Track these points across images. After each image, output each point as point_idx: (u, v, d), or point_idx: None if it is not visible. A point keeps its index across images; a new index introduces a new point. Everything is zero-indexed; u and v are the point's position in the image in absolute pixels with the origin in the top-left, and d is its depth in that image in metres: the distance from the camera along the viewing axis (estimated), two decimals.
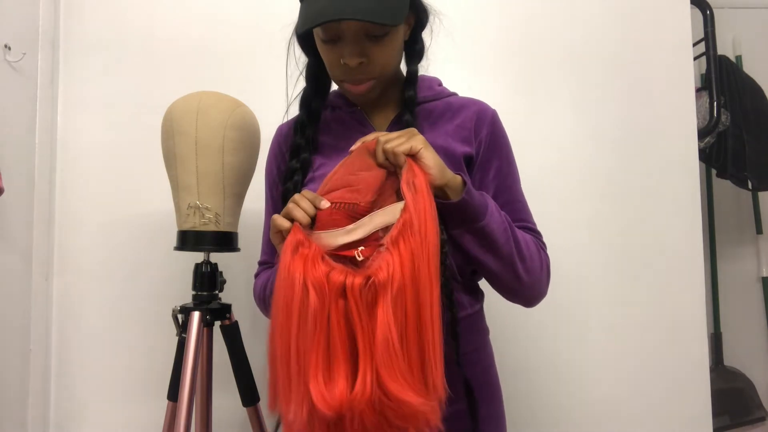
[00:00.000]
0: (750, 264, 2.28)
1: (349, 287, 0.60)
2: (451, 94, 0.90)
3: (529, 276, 0.77)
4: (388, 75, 0.80)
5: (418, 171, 0.66)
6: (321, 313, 0.61)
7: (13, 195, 1.25)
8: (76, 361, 1.38)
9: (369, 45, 0.75)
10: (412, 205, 0.63)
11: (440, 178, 0.68)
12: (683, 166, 1.47)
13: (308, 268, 0.62)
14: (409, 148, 0.66)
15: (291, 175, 0.84)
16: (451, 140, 0.82)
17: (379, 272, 0.60)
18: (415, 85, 0.83)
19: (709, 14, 1.78)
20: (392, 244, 0.62)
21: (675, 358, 1.43)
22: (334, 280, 0.61)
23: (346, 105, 0.87)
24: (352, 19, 0.70)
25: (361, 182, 0.67)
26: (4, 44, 1.26)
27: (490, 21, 1.48)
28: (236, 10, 1.45)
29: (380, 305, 0.60)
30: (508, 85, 1.47)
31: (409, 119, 0.80)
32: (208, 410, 1.11)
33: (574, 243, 1.43)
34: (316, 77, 0.87)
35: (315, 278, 0.61)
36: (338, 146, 0.83)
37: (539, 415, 1.40)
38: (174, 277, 1.34)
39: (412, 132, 0.69)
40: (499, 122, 0.87)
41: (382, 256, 0.61)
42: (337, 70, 0.78)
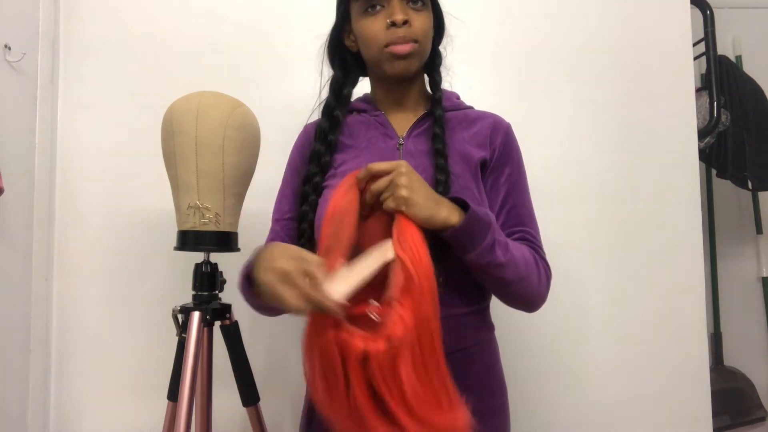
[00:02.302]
0: (750, 264, 2.28)
1: (374, 354, 0.62)
2: (469, 107, 0.97)
3: (533, 290, 0.83)
4: (425, 50, 0.87)
5: (406, 226, 0.69)
6: (338, 381, 0.63)
7: (13, 195, 1.25)
8: (76, 361, 1.38)
9: (411, 12, 0.83)
10: (410, 264, 0.66)
11: (429, 223, 0.71)
12: (683, 166, 1.47)
13: (320, 338, 0.63)
14: (394, 206, 0.70)
15: (311, 178, 0.88)
16: (468, 146, 0.88)
17: (396, 328, 0.63)
18: (440, 89, 0.91)
19: (709, 14, 1.77)
20: (400, 298, 0.65)
21: (675, 358, 1.43)
22: (354, 347, 0.62)
23: (372, 108, 0.94)
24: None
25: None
26: (4, 44, 1.26)
27: (489, 21, 1.48)
28: (237, 9, 1.45)
29: (401, 361, 0.62)
30: (508, 85, 1.47)
31: (440, 114, 0.87)
32: (208, 410, 1.11)
33: (574, 243, 1.43)
34: (341, 88, 0.94)
35: (325, 349, 0.63)
36: (360, 146, 0.89)
37: (539, 415, 1.40)
38: (174, 277, 1.34)
39: (398, 172, 0.71)
40: (513, 134, 0.93)
41: (395, 312, 0.64)
42: (382, 34, 0.83)
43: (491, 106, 1.43)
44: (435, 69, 0.93)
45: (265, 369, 1.36)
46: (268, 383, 1.33)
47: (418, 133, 0.89)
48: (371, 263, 0.68)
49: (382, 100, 0.94)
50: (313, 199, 0.87)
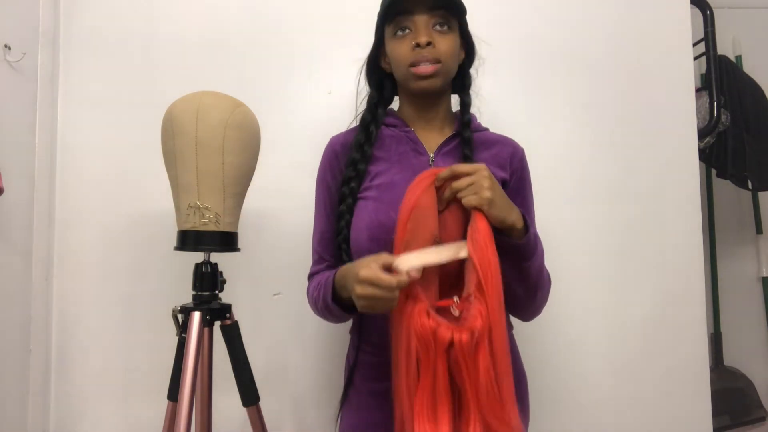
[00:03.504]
0: (750, 264, 2.28)
1: (458, 342, 0.69)
2: (485, 129, 1.04)
3: (541, 303, 0.92)
4: (449, 70, 0.92)
5: (481, 225, 0.75)
6: (426, 363, 0.70)
7: (13, 195, 1.25)
8: (76, 361, 1.38)
9: (435, 35, 0.89)
10: (479, 266, 0.73)
11: (503, 224, 0.78)
12: (683, 166, 1.47)
13: (417, 323, 0.70)
14: (477, 204, 0.76)
15: (348, 181, 0.95)
16: (491, 165, 0.91)
17: (476, 321, 0.70)
18: (469, 110, 0.98)
19: (709, 14, 1.77)
20: (477, 295, 0.72)
21: (675, 358, 1.43)
22: (441, 335, 0.69)
23: (402, 124, 1.00)
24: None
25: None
26: (4, 44, 1.26)
27: (489, 21, 1.48)
28: (237, 10, 1.45)
29: (481, 352, 0.70)
30: (507, 85, 1.47)
31: (469, 136, 0.94)
32: (208, 410, 1.11)
33: (574, 243, 1.43)
34: (376, 106, 1.01)
35: (421, 334, 0.70)
36: (391, 159, 0.96)
37: (539, 415, 1.40)
38: (174, 277, 1.34)
39: (481, 175, 0.77)
40: (526, 160, 1.02)
41: (474, 306, 0.71)
42: (407, 55, 0.90)
43: (491, 106, 1.45)
44: (465, 91, 0.99)
45: (265, 369, 1.36)
46: (268, 383, 1.34)
47: (446, 151, 0.96)
48: (444, 252, 0.75)
49: (411, 117, 1.00)
50: (350, 202, 0.93)
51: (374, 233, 0.88)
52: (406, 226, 0.75)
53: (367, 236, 0.89)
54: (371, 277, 0.71)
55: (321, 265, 0.99)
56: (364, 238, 0.89)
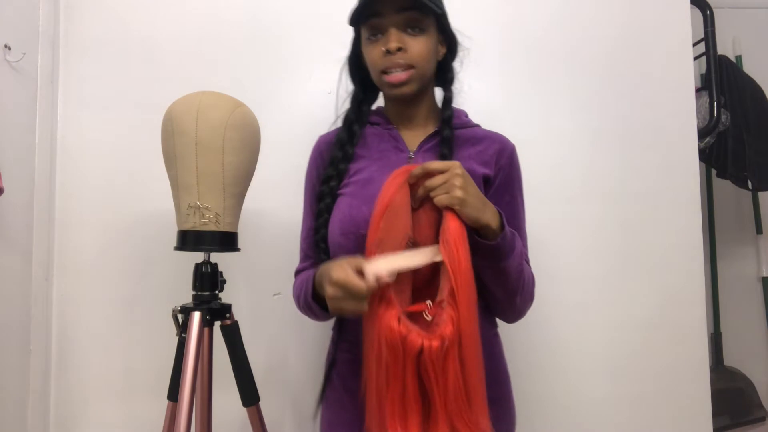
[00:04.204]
0: (750, 264, 2.28)
1: (427, 349, 0.69)
2: (476, 125, 1.02)
3: (521, 304, 0.90)
4: (424, 72, 0.90)
5: (453, 227, 0.73)
6: (395, 369, 0.70)
7: (13, 195, 1.25)
8: (76, 361, 1.38)
9: (407, 38, 0.87)
10: (451, 270, 0.71)
11: (477, 223, 0.76)
12: (683, 166, 1.47)
13: (386, 328, 0.70)
14: (448, 203, 0.74)
15: (327, 180, 0.94)
16: (473, 162, 0.92)
17: (446, 328, 0.69)
18: (451, 107, 0.95)
19: (709, 14, 1.77)
20: (449, 300, 0.71)
21: (675, 358, 1.43)
22: (411, 342, 0.69)
23: (385, 122, 0.99)
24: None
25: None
26: (4, 44, 1.26)
27: (490, 21, 1.48)
28: (237, 10, 1.45)
29: (450, 358, 0.69)
30: (508, 85, 1.47)
31: (449, 135, 0.91)
32: (208, 410, 1.11)
33: (574, 243, 1.43)
34: (360, 104, 1.00)
35: (391, 340, 0.70)
36: (372, 157, 0.95)
37: (538, 415, 1.40)
38: (174, 277, 1.34)
39: (453, 173, 0.75)
40: (516, 157, 0.99)
41: (446, 312, 0.71)
42: (379, 60, 0.89)
43: (491, 105, 1.45)
44: (447, 86, 0.97)
45: (265, 369, 1.36)
46: (268, 383, 1.34)
47: (427, 148, 0.94)
48: (417, 257, 0.74)
49: (394, 116, 0.99)
50: (328, 201, 0.92)
51: (345, 227, 0.88)
52: (379, 225, 0.74)
53: (339, 231, 0.89)
54: (341, 280, 0.71)
55: (306, 262, 0.99)
56: (336, 233, 0.90)
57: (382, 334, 0.70)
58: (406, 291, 0.76)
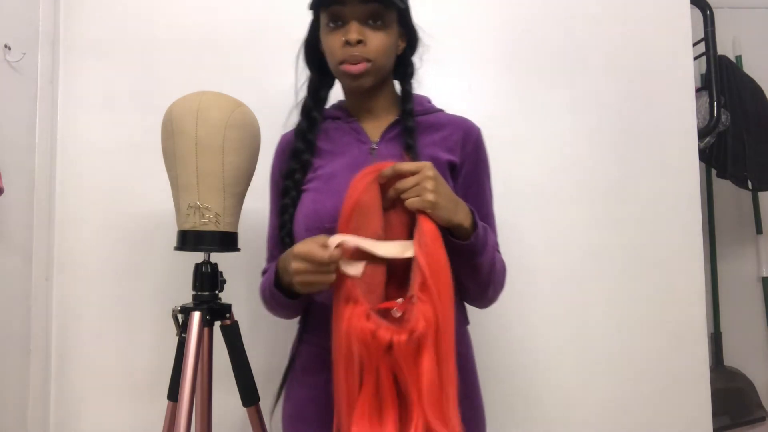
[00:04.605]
0: (750, 264, 2.28)
1: (396, 344, 0.68)
2: (439, 110, 0.99)
3: (493, 294, 0.90)
4: (381, 66, 0.88)
5: (427, 227, 0.72)
6: (369, 366, 0.69)
7: (13, 195, 1.25)
8: (76, 361, 1.38)
9: (367, 31, 0.85)
10: (426, 267, 0.70)
11: (449, 224, 0.75)
12: (683, 166, 1.47)
13: (356, 325, 0.69)
14: (420, 207, 0.72)
15: (291, 174, 0.92)
16: (437, 149, 0.91)
17: (419, 323, 0.68)
18: (411, 100, 0.93)
19: (709, 14, 1.77)
20: (420, 296, 0.70)
21: (675, 358, 1.43)
22: (381, 337, 0.68)
23: (345, 116, 0.97)
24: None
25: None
26: (4, 44, 1.26)
27: (489, 21, 1.48)
28: (236, 10, 1.45)
29: (424, 354, 0.68)
30: (508, 85, 1.47)
31: (412, 125, 0.89)
32: (208, 410, 1.11)
33: (574, 243, 1.43)
34: (317, 90, 0.97)
35: (362, 336, 0.68)
36: (335, 151, 0.93)
37: (538, 414, 1.40)
38: (174, 277, 1.34)
39: (424, 175, 0.73)
40: (483, 141, 0.96)
41: (417, 308, 0.69)
42: (338, 51, 0.87)
43: (491, 105, 1.45)
44: (406, 80, 0.95)
45: (265, 369, 1.36)
46: (268, 383, 1.33)
47: (390, 137, 0.93)
48: (388, 248, 0.73)
49: (354, 107, 0.97)
50: (294, 195, 0.91)
51: (310, 223, 0.86)
52: (348, 225, 0.73)
53: (304, 227, 0.87)
54: (304, 252, 0.71)
55: (272, 262, 0.95)
56: (301, 228, 0.88)
57: (352, 332, 0.69)
58: (377, 292, 0.75)
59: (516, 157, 1.43)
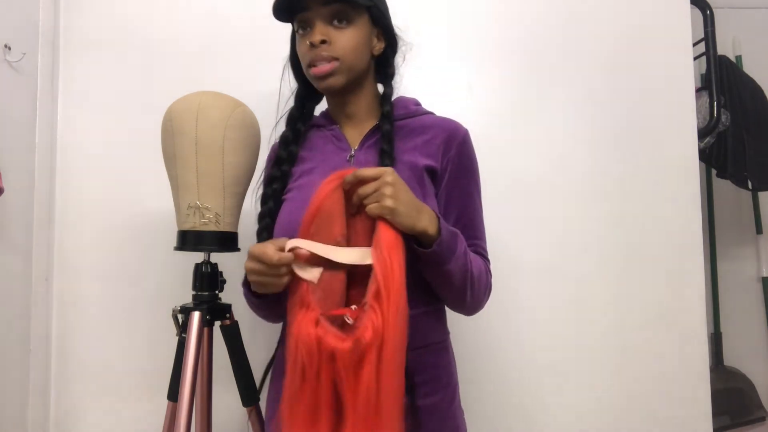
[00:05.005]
0: (750, 264, 2.28)
1: (339, 352, 0.67)
2: (427, 113, 0.97)
3: (473, 300, 0.86)
4: (351, 64, 0.87)
5: (385, 234, 0.71)
6: (310, 372, 0.69)
7: (13, 195, 1.25)
8: (76, 361, 1.38)
9: (333, 31, 0.86)
10: (380, 276, 0.69)
11: (413, 231, 0.74)
12: (683, 166, 1.47)
13: (303, 331, 0.69)
14: (379, 213, 0.72)
15: (271, 182, 0.93)
16: (417, 154, 0.89)
17: (366, 332, 0.67)
18: (390, 102, 0.92)
19: (709, 14, 1.77)
20: (373, 304, 0.68)
21: (675, 358, 1.43)
22: (326, 344, 0.68)
23: (328, 123, 0.97)
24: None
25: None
26: (4, 44, 1.26)
27: (489, 20, 1.48)
28: (236, 9, 1.45)
29: (366, 364, 0.67)
30: (507, 85, 1.47)
31: (388, 129, 0.88)
32: (208, 410, 1.11)
33: (573, 243, 1.43)
34: (303, 101, 0.99)
35: (307, 342, 0.69)
36: (315, 159, 0.94)
37: (538, 414, 1.40)
38: (174, 277, 1.34)
39: (383, 181, 0.73)
40: (469, 143, 0.93)
41: (367, 316, 0.68)
42: (306, 54, 0.87)
43: (491, 104, 1.45)
44: (387, 81, 0.94)
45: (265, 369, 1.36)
46: (268, 383, 1.33)
47: (370, 144, 0.91)
48: (346, 254, 0.73)
49: (336, 113, 0.97)
50: (271, 206, 0.91)
51: (286, 232, 0.84)
52: (309, 230, 0.73)
53: (281, 236, 0.85)
54: (256, 253, 0.72)
55: None
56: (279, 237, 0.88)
57: (299, 337, 0.69)
58: (334, 298, 0.74)
59: (516, 157, 1.43)
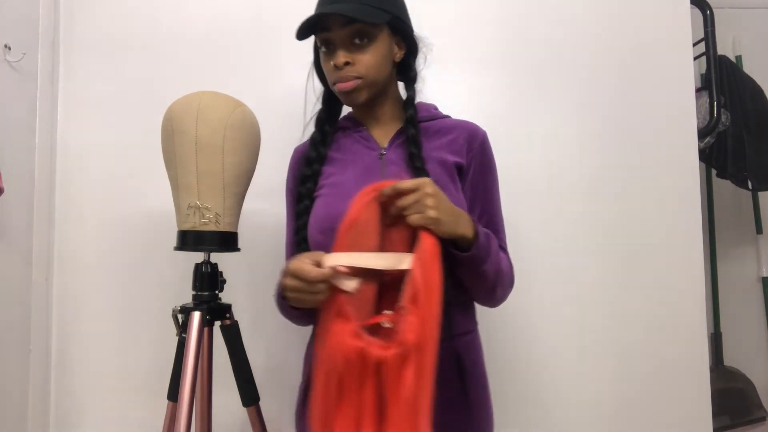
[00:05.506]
0: (750, 264, 2.28)
1: (384, 360, 0.68)
2: (446, 116, 1.03)
3: (502, 295, 0.92)
4: (374, 80, 0.92)
5: (428, 246, 0.73)
6: (350, 383, 0.69)
7: (13, 195, 1.25)
8: (76, 361, 1.38)
9: (354, 50, 0.90)
10: (420, 281, 0.70)
11: (452, 236, 0.77)
12: (683, 166, 1.47)
13: (343, 343, 0.69)
14: (422, 224, 0.74)
15: (304, 181, 0.96)
16: (444, 152, 0.94)
17: (408, 335, 0.68)
18: (413, 105, 0.96)
19: (709, 14, 1.77)
20: (410, 308, 0.70)
21: (675, 358, 1.43)
22: (370, 354, 0.69)
23: (354, 125, 1.01)
24: (331, 13, 0.86)
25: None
26: (4, 44, 1.26)
27: (489, 21, 1.48)
28: (237, 9, 1.45)
29: (408, 366, 0.68)
30: (508, 85, 1.47)
31: (414, 133, 0.93)
32: (208, 410, 1.11)
33: (574, 243, 1.43)
34: (330, 103, 1.03)
35: (347, 353, 0.69)
36: (346, 159, 0.98)
37: (538, 415, 1.40)
38: (174, 277, 1.34)
39: (424, 192, 0.75)
40: (488, 143, 0.99)
41: (406, 319, 0.69)
42: (331, 74, 0.92)
43: (490, 106, 1.45)
44: (410, 84, 0.98)
45: (265, 369, 1.36)
46: (268, 383, 1.33)
47: (398, 143, 0.96)
48: (382, 260, 0.74)
49: (361, 117, 1.01)
50: (307, 203, 0.94)
51: (323, 225, 0.89)
52: (344, 241, 0.74)
53: (317, 229, 0.91)
54: (295, 269, 0.73)
55: None
56: (315, 231, 0.91)
57: (337, 350, 0.69)
58: (366, 307, 0.75)
59: (515, 157, 1.42)
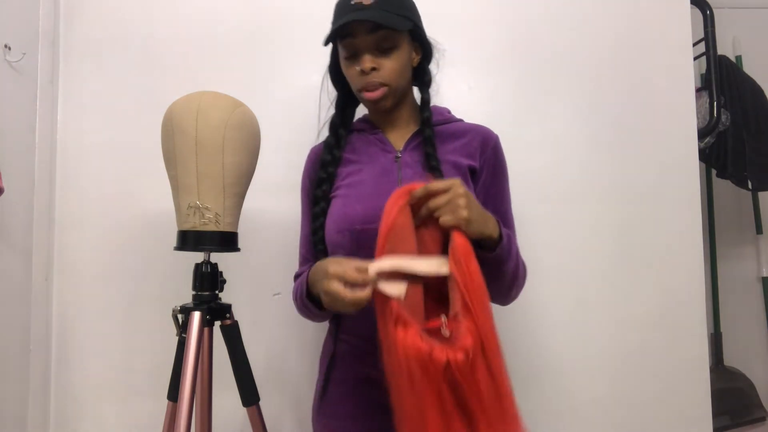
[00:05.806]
0: (750, 264, 2.28)
1: (453, 362, 0.69)
2: (459, 120, 1.05)
3: (516, 293, 0.95)
4: (398, 86, 0.94)
5: (461, 243, 0.74)
6: (430, 387, 0.70)
7: (13, 195, 1.25)
8: (76, 361, 1.38)
9: (379, 56, 0.92)
10: (463, 284, 0.73)
11: (481, 236, 0.79)
12: (683, 166, 1.47)
13: (413, 347, 0.70)
14: (454, 224, 0.75)
15: (320, 183, 0.99)
16: (458, 155, 0.97)
17: (467, 339, 0.70)
18: (429, 108, 0.99)
19: (709, 14, 1.77)
20: (463, 312, 0.72)
21: (675, 358, 1.43)
22: (437, 358, 0.69)
23: (370, 128, 1.03)
24: (359, 20, 0.88)
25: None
26: (4, 44, 1.26)
27: (490, 21, 1.48)
28: (236, 9, 1.45)
29: (479, 369, 0.70)
30: (508, 85, 1.47)
31: (430, 134, 0.95)
32: (209, 410, 1.11)
33: (574, 243, 1.43)
34: (344, 107, 1.06)
35: (419, 358, 0.69)
36: (362, 161, 1.00)
37: (538, 415, 1.40)
38: (174, 277, 1.34)
39: (455, 192, 0.76)
40: (500, 147, 1.02)
41: (463, 325, 0.71)
42: (356, 80, 0.94)
43: (491, 106, 1.45)
44: (424, 88, 1.01)
45: (265, 369, 1.36)
46: (268, 383, 1.34)
47: (413, 146, 0.99)
48: (424, 265, 0.75)
49: (377, 120, 1.04)
50: (323, 206, 0.96)
51: (340, 225, 0.92)
52: (384, 248, 0.75)
53: (334, 229, 0.93)
54: (339, 273, 0.73)
55: (305, 266, 1.01)
56: (332, 231, 0.93)
57: (410, 354, 0.69)
58: (416, 311, 0.76)
59: (515, 157, 1.41)
